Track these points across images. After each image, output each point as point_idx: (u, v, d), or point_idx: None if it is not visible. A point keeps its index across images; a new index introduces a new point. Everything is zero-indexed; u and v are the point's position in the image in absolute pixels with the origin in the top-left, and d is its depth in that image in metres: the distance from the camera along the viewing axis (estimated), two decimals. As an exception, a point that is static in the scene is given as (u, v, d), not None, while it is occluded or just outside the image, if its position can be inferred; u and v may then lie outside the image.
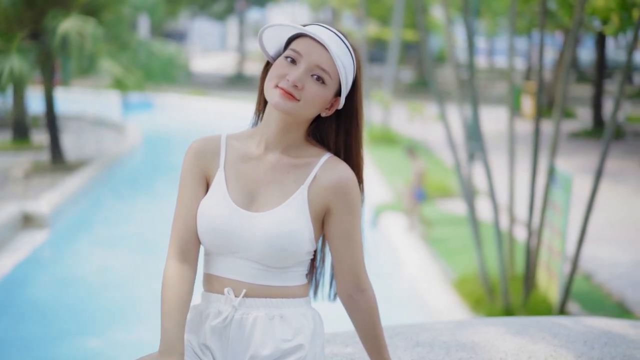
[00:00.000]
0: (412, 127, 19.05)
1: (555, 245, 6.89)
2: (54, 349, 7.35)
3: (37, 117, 18.66)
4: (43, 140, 16.41)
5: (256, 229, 2.19)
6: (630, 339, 2.55)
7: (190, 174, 2.28)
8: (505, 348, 2.49)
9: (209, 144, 2.30)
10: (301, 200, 2.21)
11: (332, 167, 2.24)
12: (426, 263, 8.84)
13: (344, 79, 2.20)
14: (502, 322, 2.72)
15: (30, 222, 10.74)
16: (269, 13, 44.74)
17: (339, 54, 2.20)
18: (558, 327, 2.65)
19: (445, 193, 12.05)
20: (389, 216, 11.03)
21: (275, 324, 2.21)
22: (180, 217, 2.26)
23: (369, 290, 2.27)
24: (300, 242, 2.19)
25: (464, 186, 7.26)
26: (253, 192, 2.24)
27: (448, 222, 10.44)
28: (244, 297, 2.22)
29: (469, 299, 7.37)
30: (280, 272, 2.23)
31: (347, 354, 2.48)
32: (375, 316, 2.26)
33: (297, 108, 2.18)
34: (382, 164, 14.81)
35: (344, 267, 2.25)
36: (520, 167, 8.30)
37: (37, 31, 13.77)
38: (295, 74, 2.17)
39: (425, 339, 2.55)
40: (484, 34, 33.21)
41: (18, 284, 8.95)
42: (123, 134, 19.33)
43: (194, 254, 2.26)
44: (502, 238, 7.39)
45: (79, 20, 12.98)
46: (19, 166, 14.55)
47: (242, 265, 2.22)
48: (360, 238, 2.27)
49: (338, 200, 2.22)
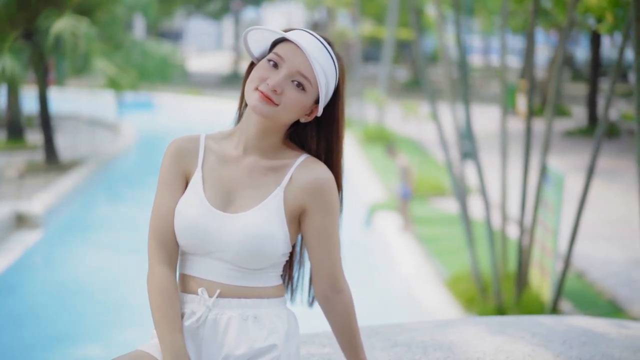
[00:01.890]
0: (407, 126, 19.05)
1: (548, 244, 6.90)
2: (48, 350, 7.34)
3: (32, 117, 18.64)
4: (37, 140, 16.40)
5: (231, 230, 2.19)
6: (610, 338, 2.56)
7: (170, 173, 2.28)
8: (484, 347, 2.49)
9: (188, 143, 2.30)
10: (277, 202, 2.21)
11: (309, 167, 2.24)
12: (419, 262, 8.84)
13: (323, 86, 2.19)
14: (482, 322, 2.72)
15: (23, 222, 10.72)
16: (265, 12, 44.73)
17: (321, 61, 2.19)
18: (538, 326, 2.65)
19: (440, 192, 12.05)
20: (383, 215, 11.03)
21: (248, 324, 2.21)
22: (159, 218, 2.26)
23: (346, 291, 2.27)
24: (275, 244, 2.19)
25: (456, 185, 7.26)
26: (230, 194, 2.24)
27: (442, 221, 10.44)
28: (218, 297, 2.22)
29: (462, 298, 7.37)
30: (255, 273, 2.23)
31: (325, 354, 2.48)
32: (352, 317, 2.26)
33: (275, 112, 2.18)
34: (376, 163, 14.81)
35: (320, 267, 2.25)
36: (514, 165, 8.30)
37: (30, 31, 13.75)
38: (275, 79, 2.17)
39: (403, 339, 2.55)
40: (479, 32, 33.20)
41: (11, 285, 8.94)
42: (118, 133, 19.32)
43: (175, 254, 2.26)
44: (494, 237, 7.39)
45: (73, 20, 12.96)
46: (13, 166, 14.53)
47: (217, 266, 2.22)
48: (338, 239, 2.26)
49: (314, 200, 2.21)
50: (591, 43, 20.81)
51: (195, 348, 2.24)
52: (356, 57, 21.12)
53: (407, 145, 16.46)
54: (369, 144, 17.73)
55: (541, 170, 6.77)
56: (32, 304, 8.51)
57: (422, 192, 12.04)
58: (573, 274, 8.11)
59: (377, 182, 13.28)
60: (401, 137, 18.09)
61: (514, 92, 22.13)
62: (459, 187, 7.35)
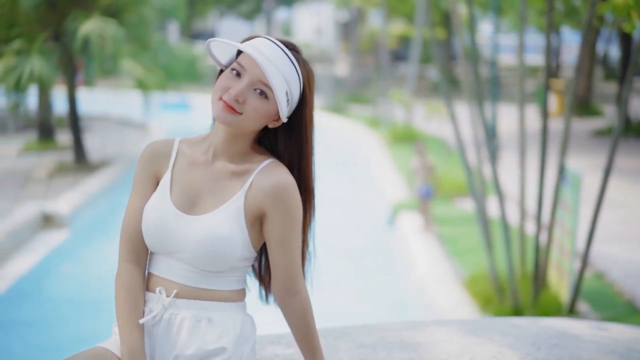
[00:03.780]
0: (434, 126, 18.98)
1: (566, 245, 6.85)
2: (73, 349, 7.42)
3: (63, 117, 18.87)
4: (67, 141, 16.59)
5: (189, 231, 2.24)
6: (583, 340, 2.54)
7: (142, 176, 2.34)
8: (450, 349, 2.49)
9: (162, 147, 2.36)
10: (237, 206, 2.25)
11: (270, 172, 2.27)
12: (438, 262, 8.82)
13: (281, 93, 2.21)
14: (454, 323, 2.72)
15: (50, 222, 10.87)
16: (296, 12, 44.83)
17: (280, 68, 2.21)
18: (511, 327, 2.64)
19: (464, 192, 12.00)
20: (406, 215, 11.01)
21: (201, 326, 2.25)
22: (129, 217, 2.33)
23: (302, 293, 2.29)
24: (231, 247, 2.22)
25: (472, 185, 7.23)
26: (195, 197, 2.29)
27: (464, 221, 10.40)
28: (175, 297, 2.26)
29: (479, 298, 7.34)
30: (214, 276, 2.26)
31: (288, 355, 2.50)
32: (308, 319, 2.29)
33: (238, 121, 2.23)
34: (401, 163, 14.78)
35: (277, 269, 2.28)
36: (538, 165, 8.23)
37: (59, 33, 13.92)
38: (237, 88, 2.21)
39: (370, 340, 2.56)
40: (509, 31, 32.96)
41: (36, 284, 9.05)
42: (147, 134, 19.47)
43: (143, 254, 2.31)
44: (512, 237, 7.35)
45: (100, 21, 13.09)
46: (43, 166, 14.72)
47: (177, 267, 2.27)
48: (297, 243, 2.29)
49: (273, 204, 2.24)
50: (621, 41, 20.60)
51: (150, 346, 2.28)
52: (384, 56, 21.08)
53: (433, 144, 16.40)
54: (396, 144, 17.71)
55: (559, 170, 6.72)
56: (57, 303, 8.61)
57: (445, 192, 11.99)
58: (593, 274, 8.05)
59: (402, 182, 13.26)
60: (428, 137, 18.03)
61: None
62: (476, 187, 7.32)
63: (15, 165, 14.98)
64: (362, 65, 34.85)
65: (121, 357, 2.23)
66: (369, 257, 10.19)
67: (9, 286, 8.74)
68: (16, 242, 9.95)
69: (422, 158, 10.17)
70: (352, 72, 30.65)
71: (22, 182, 13.43)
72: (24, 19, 13.54)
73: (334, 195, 14.13)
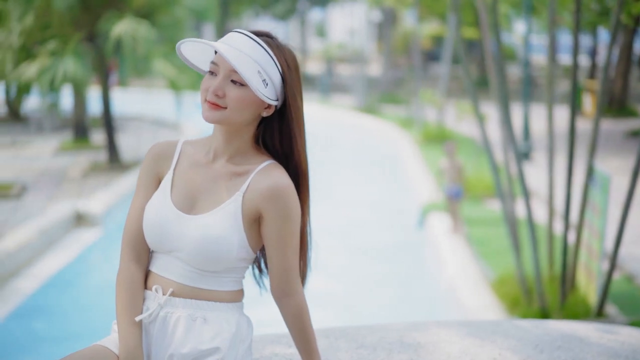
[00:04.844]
0: (466, 126, 18.91)
1: (594, 246, 6.80)
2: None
3: (98, 117, 19.08)
4: (101, 141, 16.77)
5: (187, 230, 2.27)
6: (588, 343, 2.51)
7: (145, 176, 2.38)
8: (450, 350, 2.49)
9: (166, 148, 2.39)
10: (234, 207, 2.27)
11: (267, 173, 2.29)
12: (466, 263, 8.78)
13: (251, 74, 2.20)
14: (457, 324, 2.70)
15: (82, 221, 10.99)
16: (330, 12, 44.83)
17: (248, 52, 2.22)
18: (515, 329, 2.62)
19: (494, 193, 11.94)
20: (435, 216, 10.99)
21: (196, 325, 2.28)
22: (131, 216, 2.36)
23: (298, 294, 2.31)
24: (227, 247, 2.24)
25: (499, 185, 7.20)
26: (195, 197, 2.32)
27: (494, 222, 10.35)
28: (172, 296, 2.30)
29: (506, 300, 7.31)
30: (211, 276, 2.29)
31: (288, 355, 2.51)
32: (304, 320, 2.31)
33: (225, 115, 2.25)
34: (432, 163, 14.73)
35: (274, 270, 2.31)
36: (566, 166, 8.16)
37: (93, 34, 14.06)
38: (214, 84, 2.24)
39: (370, 340, 2.56)
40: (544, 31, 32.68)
41: (69, 281, 9.16)
42: (179, 133, 19.60)
43: (144, 253, 2.34)
44: (540, 238, 7.31)
45: (133, 22, 13.20)
46: (77, 166, 14.89)
47: (175, 265, 2.30)
48: (295, 243, 2.30)
49: (269, 206, 2.26)
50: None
51: (146, 343, 2.32)
52: (417, 57, 21.04)
53: (465, 145, 16.33)
54: (427, 145, 17.66)
55: (587, 171, 6.67)
56: (88, 302, 8.71)
57: (476, 193, 11.94)
58: (622, 276, 7.97)
59: (433, 183, 13.22)
60: (460, 137, 17.96)
61: (580, 92, 21.77)
62: (503, 188, 7.28)
63: (51, 164, 15.16)
64: (396, 66, 34.79)
65: (119, 354, 2.27)
66: (398, 258, 10.18)
67: (42, 284, 8.85)
68: (49, 241, 10.07)
69: (451, 158, 10.14)
70: (385, 73, 30.60)
71: (56, 181, 13.60)
72: (58, 20, 13.71)
73: (365, 196, 14.14)
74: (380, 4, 25.03)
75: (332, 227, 11.74)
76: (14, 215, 10.98)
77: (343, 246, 10.70)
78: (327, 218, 12.29)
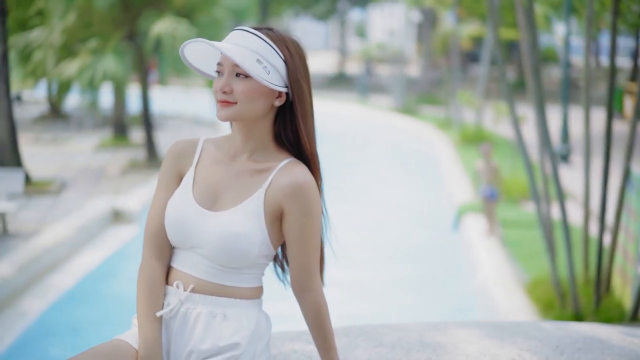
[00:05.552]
0: (505, 128, 18.79)
1: (630, 250, 6.73)
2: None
3: (137, 115, 19.30)
4: (140, 138, 16.93)
5: (209, 227, 2.28)
6: (609, 345, 2.49)
7: (166, 173, 2.40)
8: (469, 350, 2.49)
9: (187, 145, 2.41)
10: (256, 203, 2.29)
11: (289, 170, 2.30)
12: (501, 265, 8.75)
13: (249, 62, 2.22)
14: (478, 325, 2.69)
15: (120, 217, 11.12)
16: (371, 13, 44.80)
17: (244, 44, 2.25)
18: (536, 331, 2.60)
19: (530, 195, 11.86)
20: (471, 218, 10.95)
21: (216, 321, 2.29)
22: (153, 213, 2.38)
23: (316, 290, 2.32)
24: (249, 244, 2.26)
25: (534, 187, 7.16)
26: (217, 194, 2.33)
27: (531, 224, 10.28)
28: (192, 292, 2.31)
29: (539, 303, 7.26)
30: (232, 273, 2.30)
31: (307, 352, 2.52)
32: (323, 316, 2.31)
33: (237, 110, 2.28)
34: (469, 165, 14.67)
35: (294, 266, 2.32)
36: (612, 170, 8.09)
37: (133, 33, 14.21)
38: (221, 82, 2.27)
39: (390, 339, 2.56)
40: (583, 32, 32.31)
41: (106, 277, 9.27)
42: (217, 132, 19.73)
43: (165, 249, 2.37)
44: (576, 241, 7.24)
45: (172, 22, 13.32)
46: (116, 163, 15.06)
47: (196, 262, 2.32)
48: (316, 240, 2.31)
49: (291, 202, 2.28)
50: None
51: (166, 339, 2.34)
52: (456, 58, 20.95)
53: (503, 146, 16.24)
54: (465, 146, 17.58)
55: (624, 174, 6.61)
56: (124, 298, 8.79)
57: (512, 195, 11.87)
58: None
59: (469, 184, 13.16)
60: (499, 139, 17.85)
61: (621, 94, 21.52)
62: (538, 189, 7.24)
63: (90, 161, 15.34)
64: (435, 66, 34.66)
65: (138, 349, 2.30)
66: (433, 258, 10.17)
67: (79, 280, 8.97)
68: (87, 237, 10.20)
69: (487, 160, 10.10)
70: (424, 73, 30.50)
71: (95, 178, 13.76)
72: (99, 19, 13.88)
73: (401, 196, 14.12)
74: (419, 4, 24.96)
75: (368, 227, 11.74)
76: (53, 212, 11.14)
77: (378, 245, 10.71)
78: (362, 217, 12.31)
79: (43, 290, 8.44)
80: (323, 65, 44.85)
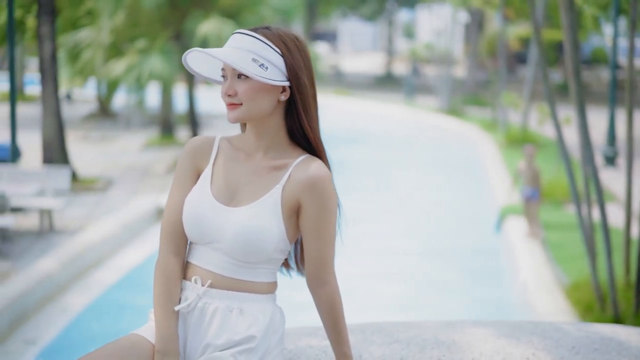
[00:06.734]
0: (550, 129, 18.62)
1: (671, 254, 6.64)
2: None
3: (184, 115, 19.49)
4: (186, 137, 17.11)
5: (227, 222, 2.33)
6: (627, 346, 2.47)
7: (183, 170, 2.45)
8: (483, 349, 2.50)
9: (203, 143, 2.47)
10: (274, 199, 2.33)
11: (306, 165, 2.35)
12: (541, 268, 8.70)
13: (243, 61, 2.28)
14: (495, 324, 2.69)
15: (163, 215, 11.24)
16: (419, 13, 44.67)
17: (239, 44, 2.31)
18: (553, 331, 2.60)
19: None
20: (513, 219, 10.89)
21: (233, 316, 2.34)
22: (170, 209, 2.43)
23: (331, 284, 2.36)
24: (267, 239, 2.31)
25: (575, 189, 7.10)
26: (234, 190, 2.38)
27: (573, 227, 10.18)
28: (210, 287, 2.36)
29: (579, 306, 7.21)
30: (249, 267, 2.35)
31: (323, 347, 2.56)
32: (337, 310, 2.35)
33: (244, 111, 2.34)
34: (513, 166, 14.57)
35: (309, 259, 2.37)
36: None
37: (179, 32, 14.38)
38: (225, 86, 2.35)
39: (405, 336, 2.57)
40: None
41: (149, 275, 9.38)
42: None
43: (182, 245, 2.42)
44: (618, 244, 7.18)
45: (219, 22, 13.45)
46: (162, 161, 15.23)
47: (214, 257, 2.36)
48: (331, 234, 2.35)
49: (309, 197, 2.32)
50: None
51: (183, 333, 2.39)
52: (501, 59, 20.82)
53: (547, 148, 16.11)
54: (510, 148, 17.47)
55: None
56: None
57: (556, 197, 11.78)
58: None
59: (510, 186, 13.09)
60: (544, 141, 17.71)
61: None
62: (579, 192, 7.18)
63: (136, 159, 15.55)
64: (482, 67, 34.44)
65: (155, 343, 2.36)
66: (474, 259, 10.15)
67: (122, 276, 9.11)
68: (131, 235, 10.35)
69: (529, 161, 10.05)
70: (470, 74, 30.34)
71: (141, 176, 13.95)
72: (147, 19, 14.07)
73: (445, 197, 14.09)
74: (467, 5, 24.82)
75: (410, 227, 11.75)
76: (98, 209, 11.32)
77: (419, 246, 10.71)
78: (405, 217, 12.31)
79: (88, 286, 8.59)
80: (370, 66, 44.85)
